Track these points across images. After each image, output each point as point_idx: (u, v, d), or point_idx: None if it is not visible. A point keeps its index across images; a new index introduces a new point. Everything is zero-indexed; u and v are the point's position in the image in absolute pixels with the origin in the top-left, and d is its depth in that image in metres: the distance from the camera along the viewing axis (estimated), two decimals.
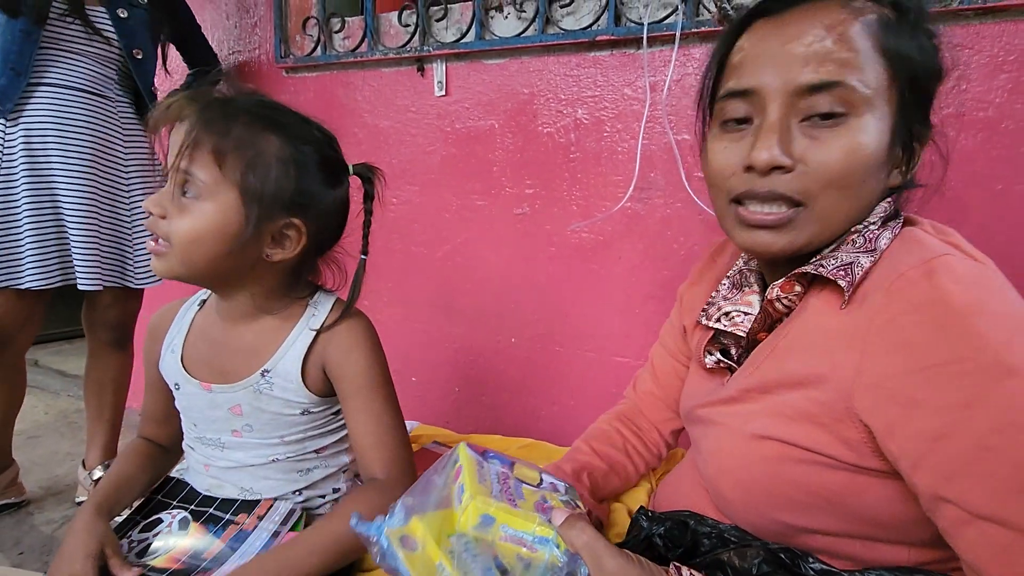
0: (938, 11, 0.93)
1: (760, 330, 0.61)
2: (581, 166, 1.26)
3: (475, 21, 1.30)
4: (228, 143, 0.64)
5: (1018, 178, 0.94)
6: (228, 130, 0.64)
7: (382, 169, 0.83)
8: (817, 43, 0.50)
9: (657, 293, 1.23)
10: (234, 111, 0.66)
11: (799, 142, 0.51)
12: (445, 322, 1.50)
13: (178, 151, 0.63)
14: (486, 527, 0.48)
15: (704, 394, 0.67)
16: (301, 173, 0.68)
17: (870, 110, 0.50)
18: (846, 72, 0.49)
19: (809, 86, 0.50)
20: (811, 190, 0.51)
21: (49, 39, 1.22)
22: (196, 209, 0.64)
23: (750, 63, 0.54)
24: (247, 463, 0.75)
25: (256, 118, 0.66)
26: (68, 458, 1.74)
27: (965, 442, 0.43)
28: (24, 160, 1.22)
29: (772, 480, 0.55)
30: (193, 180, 0.64)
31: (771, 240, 0.54)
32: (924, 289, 0.46)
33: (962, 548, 0.44)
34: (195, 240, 0.65)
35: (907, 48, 0.51)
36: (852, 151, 0.50)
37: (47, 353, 2.65)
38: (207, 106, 0.65)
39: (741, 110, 0.55)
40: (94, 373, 1.49)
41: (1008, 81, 0.93)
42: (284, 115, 0.70)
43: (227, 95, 0.68)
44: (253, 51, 1.67)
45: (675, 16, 1.09)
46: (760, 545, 0.52)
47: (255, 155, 0.65)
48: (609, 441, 0.80)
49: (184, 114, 0.65)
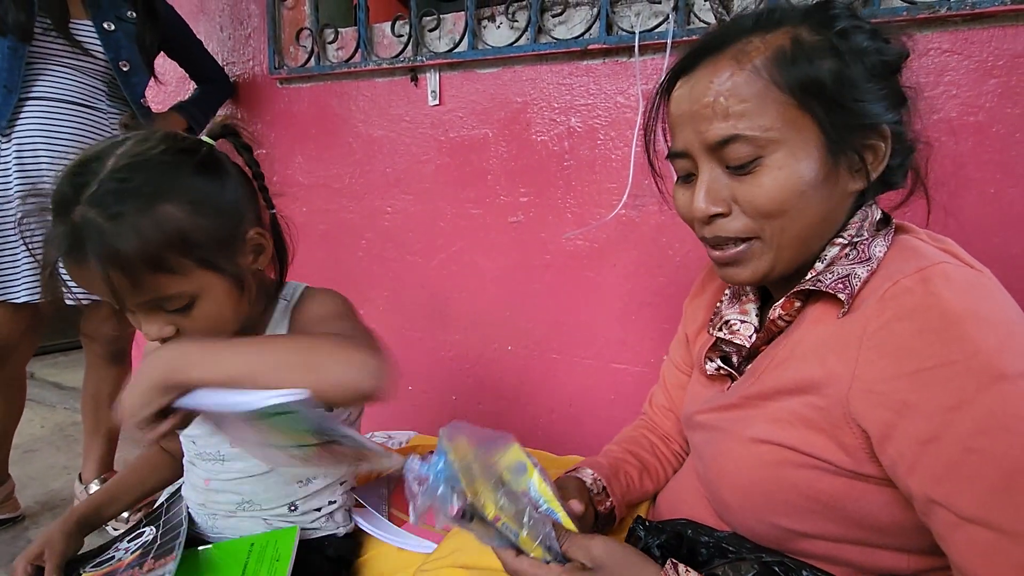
0: (926, 17, 0.94)
1: (762, 344, 0.62)
2: (575, 174, 1.27)
3: (468, 31, 1.31)
4: (154, 250, 0.56)
5: (1009, 181, 0.94)
6: (139, 243, 0.55)
7: (377, 180, 0.82)
8: (713, 100, 0.54)
9: (653, 300, 1.23)
10: (99, 227, 0.55)
11: (729, 188, 0.56)
12: (441, 331, 1.50)
13: (121, 298, 0.57)
14: (519, 474, 0.53)
15: (704, 400, 0.67)
16: (214, 200, 0.62)
17: (780, 146, 0.53)
18: (742, 124, 0.52)
19: (715, 142, 0.54)
20: (751, 227, 0.56)
21: (37, 54, 1.22)
22: (196, 312, 0.61)
23: (676, 125, 0.59)
24: (248, 473, 0.75)
25: (135, 201, 0.56)
26: (64, 472, 1.73)
27: (952, 445, 0.44)
28: (17, 174, 1.22)
29: (771, 484, 0.55)
30: (170, 300, 0.59)
31: (736, 272, 0.59)
32: (918, 295, 0.47)
33: (951, 551, 0.45)
34: (215, 328, 0.63)
35: (810, 71, 0.52)
36: (773, 186, 0.53)
37: (44, 365, 2.63)
38: (79, 246, 0.55)
39: (684, 167, 0.60)
40: (91, 386, 1.48)
41: (997, 86, 0.93)
42: (138, 173, 0.58)
43: (73, 218, 0.55)
44: (247, 62, 1.67)
45: (666, 24, 1.10)
46: (754, 558, 0.52)
47: (182, 238, 0.58)
48: (640, 445, 0.81)
49: (82, 262, 0.56)
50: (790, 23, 0.54)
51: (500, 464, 0.53)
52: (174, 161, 0.60)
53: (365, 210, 1.55)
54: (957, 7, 0.92)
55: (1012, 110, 0.93)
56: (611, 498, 0.71)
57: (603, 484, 0.71)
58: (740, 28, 0.56)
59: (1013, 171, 0.94)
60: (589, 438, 1.35)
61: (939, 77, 0.97)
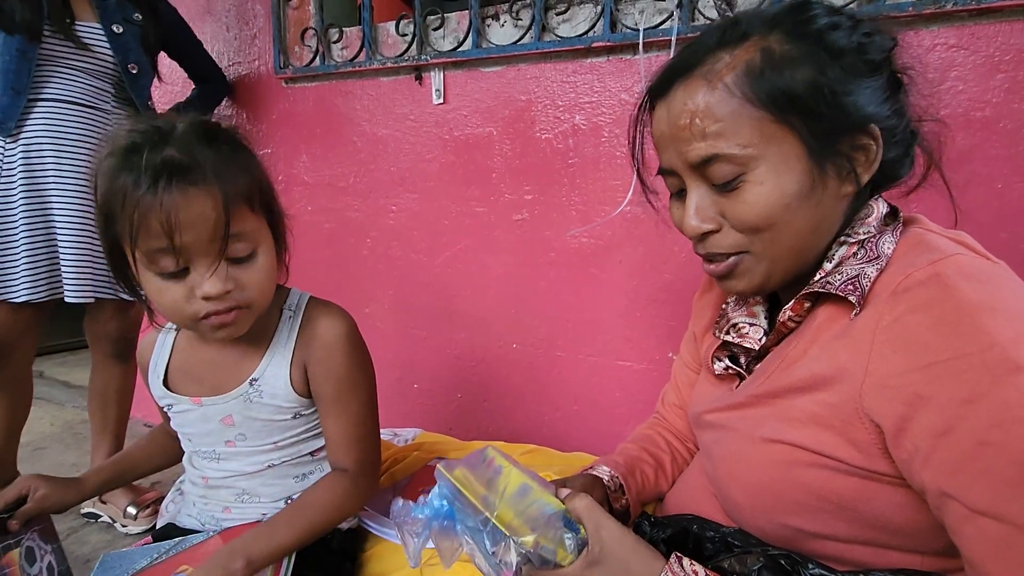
0: (931, 13, 0.93)
1: (771, 344, 0.62)
2: (580, 172, 1.27)
3: (472, 29, 1.31)
4: (250, 182, 0.64)
5: (1017, 176, 0.94)
6: (232, 170, 0.62)
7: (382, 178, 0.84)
8: (689, 122, 0.53)
9: (658, 296, 1.23)
10: (203, 156, 0.60)
11: (716, 205, 0.56)
12: (446, 328, 1.50)
13: (208, 229, 0.59)
14: (524, 494, 0.52)
15: (713, 399, 0.67)
16: (262, 163, 0.68)
17: (760, 162, 0.52)
18: (720, 143, 0.52)
19: (696, 162, 0.54)
20: (741, 241, 0.56)
21: (45, 56, 1.23)
22: (257, 263, 0.65)
23: (659, 144, 0.59)
24: (243, 471, 0.76)
25: (223, 143, 0.64)
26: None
27: (967, 437, 0.43)
28: (22, 175, 1.23)
29: (781, 484, 0.55)
30: (241, 237, 0.63)
31: (732, 284, 0.59)
32: (932, 288, 0.46)
33: (962, 544, 0.44)
34: (269, 287, 0.68)
35: (781, 84, 0.51)
36: (758, 201, 0.53)
37: (52, 364, 2.66)
38: (189, 169, 0.59)
39: (673, 184, 0.60)
40: (97, 385, 1.49)
41: (1005, 81, 0.93)
42: (212, 130, 0.64)
43: (173, 149, 0.60)
44: (252, 62, 1.68)
45: (671, 22, 1.10)
46: (760, 551, 0.52)
47: (260, 179, 0.66)
48: (655, 444, 0.81)
49: (181, 197, 0.59)
50: (757, 33, 0.53)
51: (498, 481, 0.54)
52: (231, 127, 0.67)
53: (370, 209, 1.55)
54: (963, 2, 0.91)
55: (1019, 105, 0.92)
56: (627, 496, 0.71)
57: (620, 481, 0.71)
58: (707, 46, 0.54)
59: (1021, 166, 0.93)
60: (594, 435, 1.35)
61: (945, 73, 0.96)
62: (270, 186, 0.68)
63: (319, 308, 0.76)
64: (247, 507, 0.76)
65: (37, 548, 0.74)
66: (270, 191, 0.68)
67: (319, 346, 0.73)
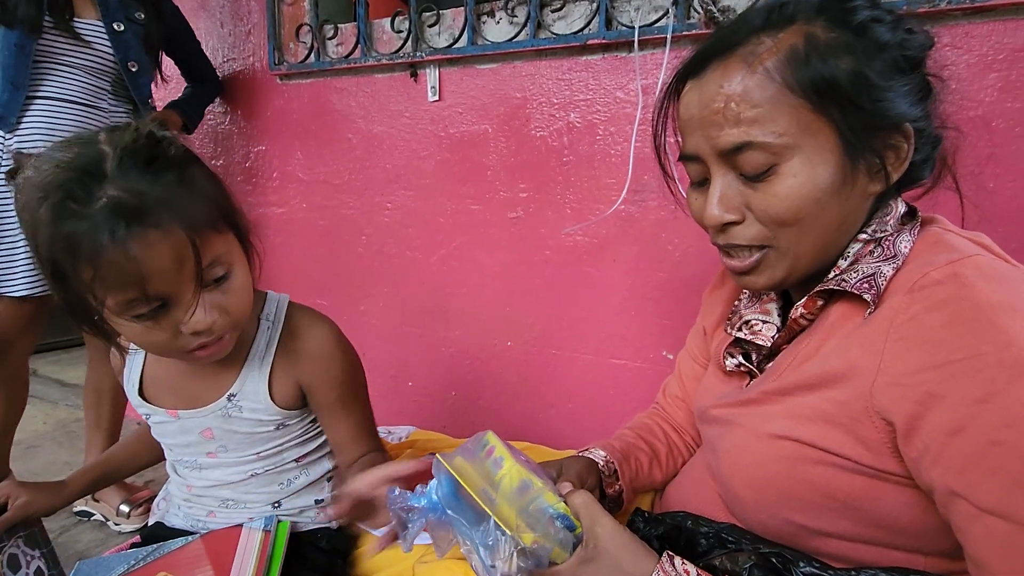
0: (926, 11, 0.93)
1: (783, 342, 0.61)
2: (574, 169, 1.27)
3: (467, 26, 1.30)
4: (211, 206, 0.58)
5: (1009, 176, 0.94)
6: (187, 199, 0.56)
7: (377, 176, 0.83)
8: (724, 106, 0.51)
9: (653, 295, 1.23)
10: (153, 191, 0.54)
11: (742, 195, 0.54)
12: (441, 326, 1.50)
13: (179, 270, 0.55)
14: (525, 491, 0.52)
15: (721, 395, 0.67)
16: (212, 173, 0.63)
17: (796, 152, 0.50)
18: (755, 130, 0.50)
19: (727, 149, 0.52)
20: (766, 235, 0.54)
21: (43, 52, 1.23)
22: (235, 283, 0.62)
23: (686, 128, 0.57)
24: (226, 481, 0.75)
25: (168, 169, 0.56)
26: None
27: (978, 436, 0.42)
28: None
29: (786, 480, 0.54)
30: (214, 263, 0.59)
31: (752, 280, 0.58)
32: (950, 287, 0.46)
33: (968, 543, 0.44)
34: (250, 302, 0.65)
35: (825, 72, 0.49)
36: (789, 194, 0.51)
37: (46, 362, 2.64)
38: (142, 211, 0.53)
39: (696, 172, 0.58)
40: (93, 382, 1.49)
41: (998, 80, 0.93)
42: (151, 149, 0.57)
43: (115, 189, 0.53)
44: (247, 58, 1.67)
45: (666, 19, 1.10)
46: (752, 549, 0.52)
47: (217, 196, 0.61)
48: (652, 433, 0.80)
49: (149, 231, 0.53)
50: (803, 19, 0.51)
51: (497, 474, 0.53)
52: (167, 142, 0.59)
53: (365, 206, 1.55)
54: (957, 1, 0.91)
55: (1012, 104, 0.93)
56: (620, 481, 0.71)
57: (614, 467, 0.71)
58: (750, 26, 0.52)
59: (1013, 166, 0.94)
60: (588, 433, 1.35)
61: (939, 72, 0.96)
62: (227, 195, 0.63)
63: (302, 319, 0.74)
64: (232, 512, 0.76)
65: (22, 555, 0.73)
66: (228, 202, 0.63)
67: (314, 360, 0.72)
